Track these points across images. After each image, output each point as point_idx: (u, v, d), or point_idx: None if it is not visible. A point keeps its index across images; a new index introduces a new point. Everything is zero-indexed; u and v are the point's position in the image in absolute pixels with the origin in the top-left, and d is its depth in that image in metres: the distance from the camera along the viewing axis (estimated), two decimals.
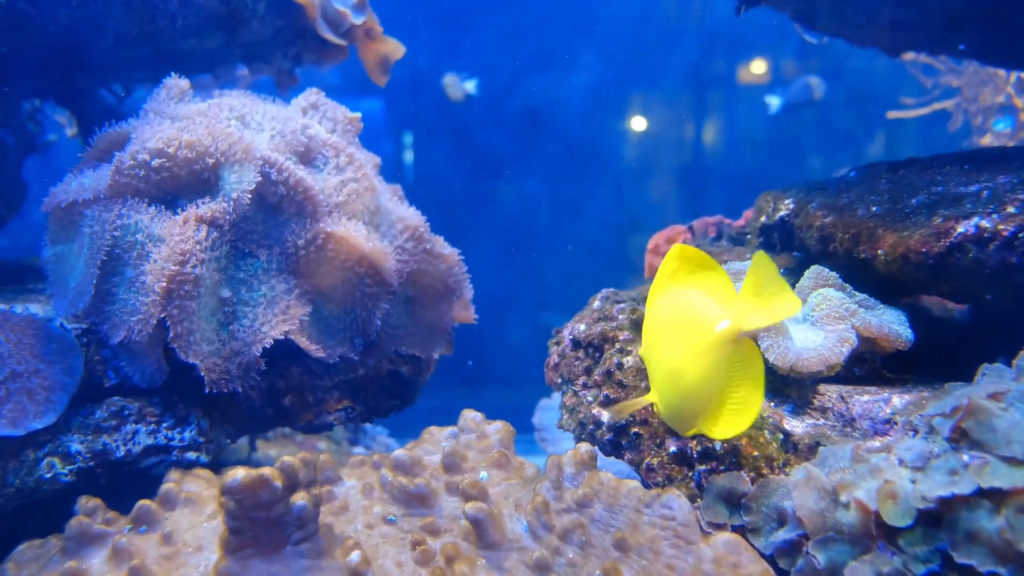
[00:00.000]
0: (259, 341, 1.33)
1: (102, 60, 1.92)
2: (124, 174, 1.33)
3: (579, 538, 0.99)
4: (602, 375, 1.37)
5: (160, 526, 1.10)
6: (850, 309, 1.19)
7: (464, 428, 1.22)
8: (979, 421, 0.90)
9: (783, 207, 1.55)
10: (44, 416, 1.26)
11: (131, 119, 1.49)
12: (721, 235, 1.91)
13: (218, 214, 1.31)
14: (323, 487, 1.16)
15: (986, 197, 1.16)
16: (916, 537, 0.89)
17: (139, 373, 1.34)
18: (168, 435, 1.35)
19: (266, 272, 1.39)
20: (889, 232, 1.21)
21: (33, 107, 2.37)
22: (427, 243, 1.60)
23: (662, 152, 4.76)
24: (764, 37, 4.55)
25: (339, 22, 2.04)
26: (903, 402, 1.10)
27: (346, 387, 1.60)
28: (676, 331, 1.02)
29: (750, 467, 1.11)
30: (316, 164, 1.52)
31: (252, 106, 1.53)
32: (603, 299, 1.61)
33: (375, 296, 1.47)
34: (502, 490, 1.10)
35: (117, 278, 1.32)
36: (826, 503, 0.96)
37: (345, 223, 1.43)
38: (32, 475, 1.25)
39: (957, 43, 1.99)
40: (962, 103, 3.71)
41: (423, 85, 4.30)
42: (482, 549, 1.01)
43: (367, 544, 1.04)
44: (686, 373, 0.99)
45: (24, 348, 1.29)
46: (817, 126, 4.69)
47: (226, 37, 1.95)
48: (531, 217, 4.76)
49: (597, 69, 4.76)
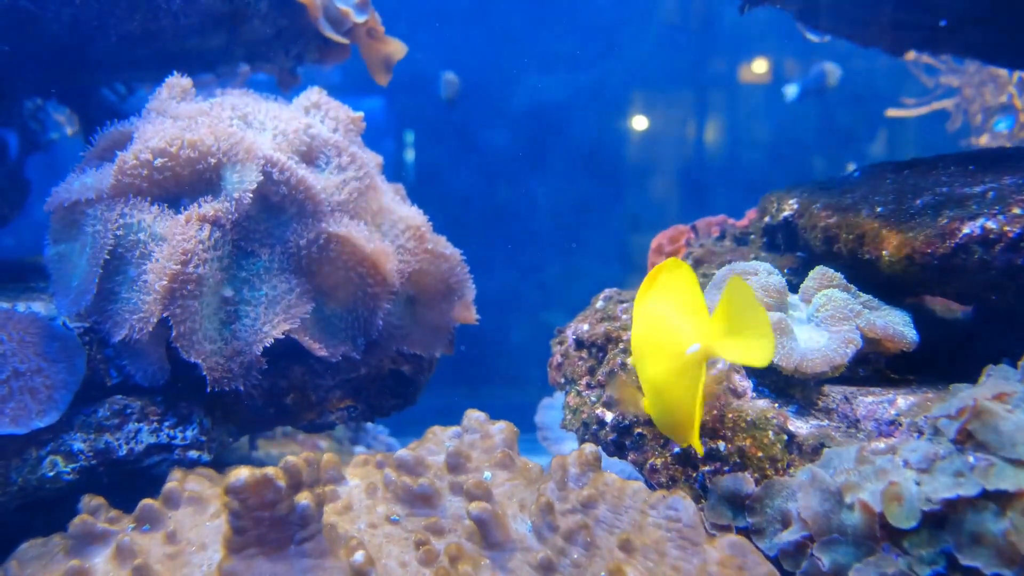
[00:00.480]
0: (261, 340, 1.33)
1: (105, 59, 1.91)
2: (127, 173, 1.33)
3: (584, 539, 0.99)
4: (605, 375, 1.37)
5: (163, 525, 1.10)
6: (855, 310, 1.18)
7: (468, 428, 1.22)
8: (984, 423, 0.90)
9: (787, 207, 1.54)
10: (47, 415, 1.25)
11: (133, 118, 1.49)
12: (724, 235, 1.91)
13: (220, 213, 1.31)
14: (326, 486, 1.16)
15: (991, 198, 1.15)
16: (921, 539, 0.89)
17: (141, 372, 1.34)
18: (170, 434, 1.35)
19: (268, 271, 1.39)
20: (894, 233, 1.21)
21: (35, 106, 2.37)
22: (429, 243, 1.59)
23: (664, 151, 4.75)
24: (766, 37, 4.55)
25: (341, 21, 2.03)
26: (908, 403, 1.09)
27: (348, 386, 1.60)
28: (655, 348, 1.03)
29: (754, 468, 1.11)
30: (318, 163, 1.51)
31: (254, 105, 1.53)
32: (606, 299, 1.61)
33: (377, 296, 1.47)
34: (506, 490, 1.10)
35: (120, 277, 1.32)
36: (831, 504, 0.96)
37: (347, 223, 1.43)
38: (35, 473, 1.25)
39: (959, 42, 1.98)
40: (962, 103, 3.71)
41: (424, 84, 4.30)
42: (486, 549, 1.00)
43: (371, 544, 1.04)
44: (667, 390, 1.00)
45: (27, 347, 1.28)
46: (819, 126, 4.68)
47: (228, 36, 1.95)
48: (533, 216, 4.76)
49: (599, 68, 4.75)
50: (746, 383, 1.20)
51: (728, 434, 1.15)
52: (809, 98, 3.94)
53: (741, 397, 1.19)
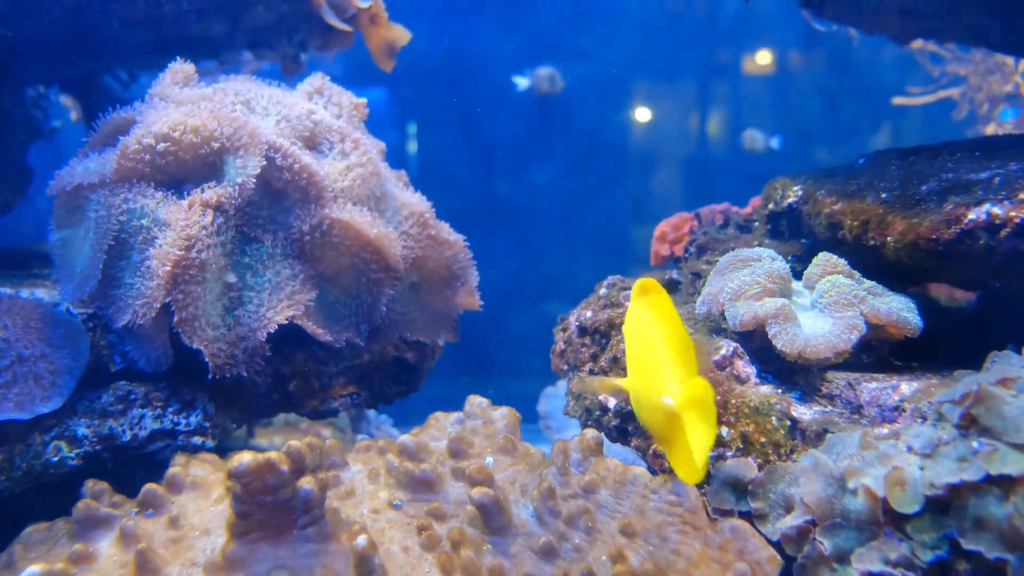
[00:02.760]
0: (265, 326, 1.33)
1: (107, 45, 1.91)
2: (129, 158, 1.33)
3: (585, 524, 0.99)
4: (608, 361, 1.37)
5: (167, 510, 1.10)
6: (859, 296, 1.18)
7: (470, 414, 1.22)
8: (989, 408, 0.90)
9: (791, 194, 1.54)
10: (50, 400, 1.26)
11: (136, 103, 1.48)
12: (728, 223, 1.90)
13: (224, 199, 1.31)
14: (329, 472, 1.16)
15: (997, 184, 1.15)
16: (924, 524, 0.89)
17: (145, 358, 1.34)
18: (174, 420, 1.36)
19: (271, 257, 1.39)
20: (899, 219, 1.20)
21: (37, 93, 2.37)
22: (432, 229, 1.59)
23: (667, 141, 4.74)
24: (770, 26, 4.52)
25: (344, 7, 2.03)
26: (911, 389, 1.09)
27: (351, 373, 1.60)
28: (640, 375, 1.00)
29: (757, 453, 1.11)
30: (321, 149, 1.51)
31: (257, 91, 1.52)
32: (609, 286, 1.60)
33: (380, 282, 1.47)
34: (508, 476, 1.10)
35: (123, 262, 1.32)
36: (834, 489, 0.96)
37: (350, 208, 1.43)
38: (39, 459, 1.25)
39: (965, 30, 1.97)
40: (968, 91, 3.69)
41: (428, 73, 4.28)
42: (488, 534, 1.01)
43: (373, 529, 1.04)
44: (649, 416, 0.97)
45: (31, 332, 1.29)
46: (823, 117, 4.66)
47: (231, 22, 1.94)
48: (536, 206, 4.75)
49: (603, 58, 4.73)
50: (749, 369, 1.20)
51: (731, 419, 1.15)
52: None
53: (745, 383, 1.19)
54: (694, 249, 1.74)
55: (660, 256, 2.10)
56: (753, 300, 1.21)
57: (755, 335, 1.22)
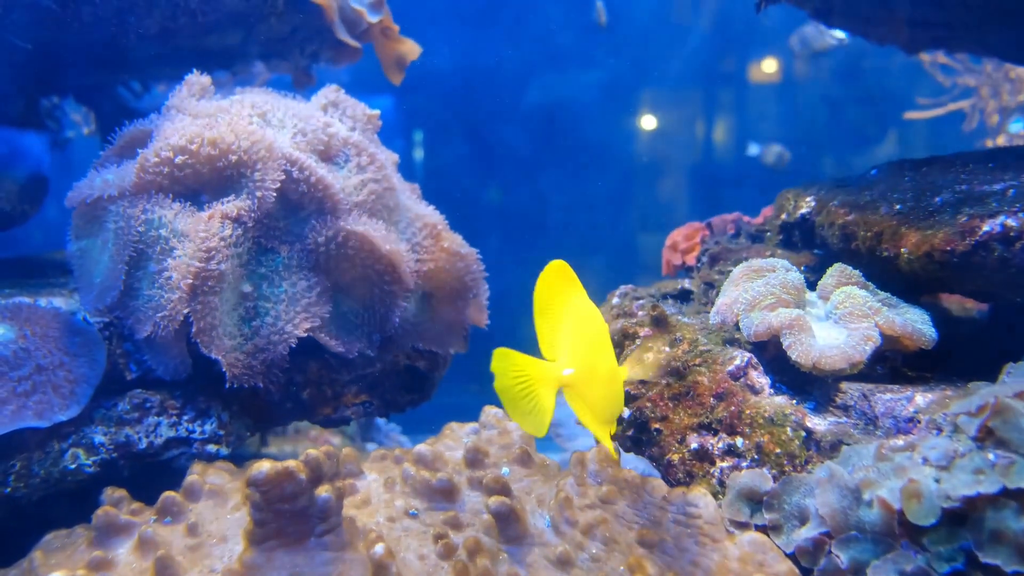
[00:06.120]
0: (286, 340, 1.34)
1: (123, 57, 1.93)
2: (149, 171, 1.34)
3: (602, 534, 0.99)
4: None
5: (185, 517, 1.11)
6: (873, 307, 1.18)
7: (486, 424, 1.23)
8: (1006, 420, 0.90)
9: (804, 204, 1.54)
10: (69, 408, 1.27)
11: (153, 115, 1.50)
12: (740, 232, 1.91)
13: (243, 211, 1.32)
14: (345, 480, 1.17)
15: (1012, 196, 1.15)
16: (940, 536, 0.89)
17: (163, 367, 1.36)
18: (189, 427, 1.37)
19: (287, 268, 1.40)
20: (913, 230, 1.20)
21: (52, 104, 2.39)
22: (445, 241, 1.60)
23: (676, 150, 4.74)
24: (779, 35, 4.53)
25: (357, 22, 2.05)
26: (926, 401, 1.09)
27: (363, 382, 1.61)
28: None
29: (772, 464, 1.11)
30: (337, 161, 1.52)
31: (273, 103, 1.53)
32: (622, 295, 1.61)
33: (393, 294, 1.48)
34: (524, 486, 1.11)
35: (140, 272, 1.33)
36: (849, 501, 0.96)
37: (365, 221, 1.44)
38: (57, 466, 1.27)
39: (976, 40, 1.97)
40: (978, 103, 3.69)
41: (436, 82, 4.30)
42: (504, 543, 1.01)
43: (389, 537, 1.04)
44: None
45: (49, 341, 1.30)
46: (830, 125, 4.66)
47: (245, 34, 1.96)
48: (544, 215, 4.75)
49: (610, 67, 4.75)
50: (764, 379, 1.21)
51: (746, 430, 1.15)
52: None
53: (759, 393, 1.19)
54: (706, 259, 1.75)
55: (672, 265, 2.11)
56: (767, 311, 1.21)
57: (769, 345, 1.22)
